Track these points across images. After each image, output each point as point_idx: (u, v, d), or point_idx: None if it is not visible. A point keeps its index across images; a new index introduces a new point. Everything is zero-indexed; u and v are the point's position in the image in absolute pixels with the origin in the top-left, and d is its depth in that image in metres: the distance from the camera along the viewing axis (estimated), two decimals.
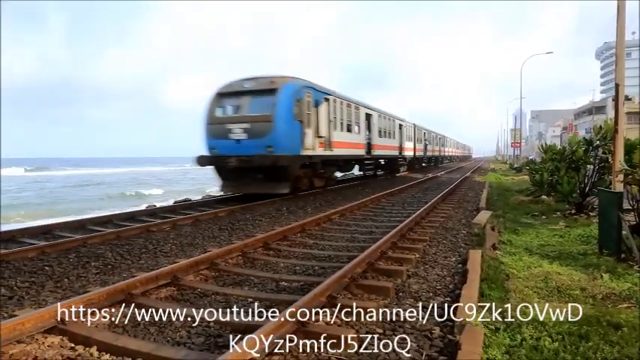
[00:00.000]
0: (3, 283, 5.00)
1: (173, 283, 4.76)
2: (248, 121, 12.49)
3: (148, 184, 41.04)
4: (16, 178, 51.67)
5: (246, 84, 13.22)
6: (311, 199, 13.56)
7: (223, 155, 12.50)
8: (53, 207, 23.77)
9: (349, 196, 14.53)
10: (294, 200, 13.07)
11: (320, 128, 14.42)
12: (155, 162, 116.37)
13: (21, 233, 7.81)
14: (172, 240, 7.38)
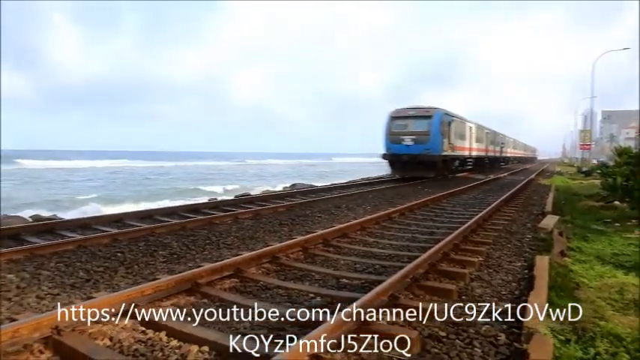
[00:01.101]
0: (81, 267, 5.32)
1: (236, 275, 4.88)
2: (414, 134, 20.68)
3: (212, 179, 42.33)
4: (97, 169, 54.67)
5: (411, 112, 21.52)
6: (370, 197, 13.54)
7: (398, 154, 20.85)
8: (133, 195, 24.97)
9: (409, 195, 14.36)
10: (353, 198, 13.14)
11: (450, 138, 22.19)
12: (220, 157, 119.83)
13: (95, 221, 8.27)
14: (234, 233, 7.56)
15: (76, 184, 34.80)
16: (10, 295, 4.38)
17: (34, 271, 5.13)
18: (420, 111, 21.29)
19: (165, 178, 42.29)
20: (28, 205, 19.52)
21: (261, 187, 24.80)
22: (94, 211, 15.70)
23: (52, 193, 27.19)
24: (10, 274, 4.95)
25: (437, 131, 20.47)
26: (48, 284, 4.72)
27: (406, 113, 21.42)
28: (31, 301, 4.25)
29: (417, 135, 20.51)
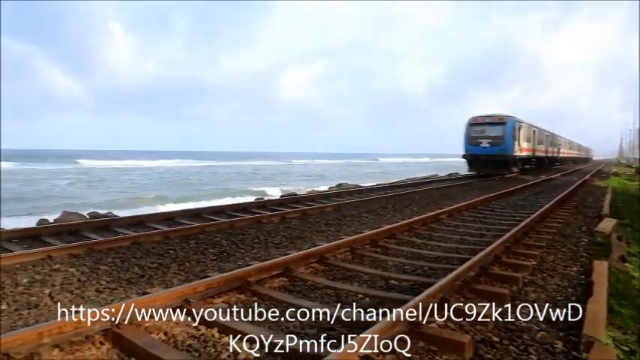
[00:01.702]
0: (135, 263, 5.51)
1: (285, 274, 4.92)
2: (490, 137, 24.52)
3: (259, 178, 42.98)
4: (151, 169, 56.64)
5: (487, 119, 25.25)
6: (416, 198, 13.37)
7: (476, 154, 24.85)
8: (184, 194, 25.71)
9: (456, 196, 14.07)
10: (400, 198, 13.03)
11: (519, 141, 25.63)
12: (267, 157, 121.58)
13: (148, 219, 8.55)
14: (282, 232, 7.63)
15: (130, 182, 36.15)
16: (72, 287, 4.59)
17: (93, 265, 5.36)
18: (495, 118, 25.15)
19: (214, 177, 43.26)
20: (85, 203, 20.46)
21: (307, 187, 24.95)
22: (147, 209, 16.25)
23: (108, 192, 28.35)
24: (72, 268, 5.19)
25: (509, 135, 24.25)
26: (106, 278, 4.92)
27: (483, 120, 25.38)
28: (90, 294, 4.44)
29: (493, 139, 24.39)
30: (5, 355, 2.91)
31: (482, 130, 24.98)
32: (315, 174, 50.34)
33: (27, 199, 23.19)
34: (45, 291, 4.48)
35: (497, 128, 24.55)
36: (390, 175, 42.26)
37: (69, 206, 17.44)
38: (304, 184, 32.76)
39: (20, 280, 4.74)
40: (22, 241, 6.74)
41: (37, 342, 3.10)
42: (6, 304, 4.12)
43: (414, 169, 58.92)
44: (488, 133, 24.73)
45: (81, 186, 32.14)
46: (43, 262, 5.38)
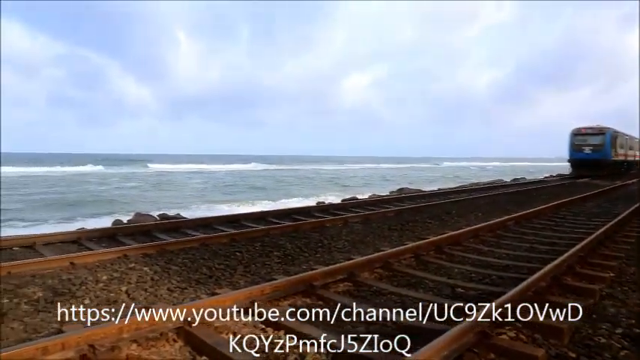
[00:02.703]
0: (204, 264, 5.70)
1: (350, 279, 4.92)
2: (592, 145, 29.80)
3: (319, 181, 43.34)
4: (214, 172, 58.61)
5: (589, 130, 30.51)
6: (481, 204, 12.99)
7: (579, 159, 30.13)
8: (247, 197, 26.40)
9: (523, 202, 13.52)
10: (464, 204, 12.71)
11: (616, 148, 30.94)
12: (327, 160, 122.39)
13: (214, 221, 8.83)
14: (345, 236, 7.65)
15: (195, 185, 37.49)
16: (146, 286, 4.82)
17: (164, 265, 5.60)
18: (596, 130, 30.51)
19: (275, 180, 44.02)
20: (155, 205, 21.43)
21: (368, 192, 24.86)
22: (212, 211, 16.80)
23: (175, 194, 29.54)
24: (146, 267, 5.45)
25: (608, 144, 29.63)
26: (177, 278, 5.12)
27: (585, 131, 30.65)
28: (163, 293, 4.64)
29: (594, 146, 29.76)
30: (90, 346, 3.10)
31: (585, 139, 30.52)
32: (375, 178, 50.03)
33: (102, 201, 24.58)
34: (122, 288, 4.73)
35: (597, 138, 30.05)
36: (451, 180, 41.34)
37: (140, 208, 18.36)
38: (364, 188, 32.65)
39: (100, 277, 5.04)
40: (100, 241, 7.17)
41: (118, 336, 3.29)
42: (89, 299, 4.40)
43: (477, 174, 57.26)
44: (590, 141, 30.24)
45: (150, 188, 33.70)
46: (119, 261, 5.69)
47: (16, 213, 19.51)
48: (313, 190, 32.51)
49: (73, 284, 4.80)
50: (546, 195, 16.08)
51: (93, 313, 4.06)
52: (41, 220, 17.39)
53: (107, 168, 61.25)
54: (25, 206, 22.05)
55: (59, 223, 15.68)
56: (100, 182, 38.45)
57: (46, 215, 18.69)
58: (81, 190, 31.09)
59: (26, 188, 31.89)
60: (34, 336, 3.61)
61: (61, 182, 37.74)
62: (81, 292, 4.57)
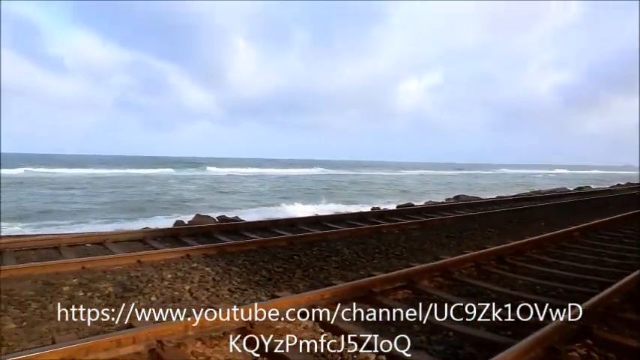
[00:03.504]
0: (263, 266, 5.80)
1: (409, 286, 4.86)
2: None
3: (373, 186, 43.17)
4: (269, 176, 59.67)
5: None
6: (544, 213, 12.45)
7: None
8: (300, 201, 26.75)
9: (588, 212, 12.84)
10: (525, 212, 12.27)
11: None
12: (380, 166, 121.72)
13: (272, 224, 8.98)
14: (402, 243, 7.55)
15: (252, 188, 38.27)
16: (208, 285, 4.97)
17: (225, 266, 5.75)
18: None
19: (329, 185, 44.20)
20: (214, 207, 22.05)
21: (424, 198, 24.49)
22: (270, 214, 17.10)
23: (233, 197, 30.27)
24: (207, 268, 5.62)
25: None
26: (237, 279, 5.24)
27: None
28: (224, 293, 4.76)
29: None
30: (159, 342, 3.23)
31: None
32: (431, 184, 49.20)
33: (163, 202, 25.56)
34: (185, 287, 4.89)
35: None
36: (512, 187, 39.98)
37: (200, 209, 18.96)
38: (420, 194, 32.18)
39: (165, 275, 5.24)
40: (164, 240, 7.46)
41: (184, 333, 3.40)
42: (155, 296, 4.58)
43: (540, 181, 55.07)
44: None
45: (209, 191, 34.72)
46: (183, 261, 5.89)
47: (87, 212, 20.65)
48: (368, 196, 32.41)
49: (141, 281, 5.02)
50: (614, 205, 15.21)
51: (159, 309, 4.24)
52: (109, 218, 18.33)
53: (177, 171, 63.66)
54: (94, 206, 23.30)
55: (125, 222, 16.45)
56: (161, 184, 40.03)
57: (113, 214, 19.67)
58: (144, 191, 32.48)
59: (95, 189, 33.74)
60: (107, 329, 3.81)
61: (126, 183, 39.64)
62: (148, 289, 4.77)
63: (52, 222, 17.13)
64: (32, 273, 5.18)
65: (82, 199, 26.49)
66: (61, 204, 23.83)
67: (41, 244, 6.75)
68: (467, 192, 28.54)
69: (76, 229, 14.13)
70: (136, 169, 64.27)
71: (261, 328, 3.62)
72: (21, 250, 6.47)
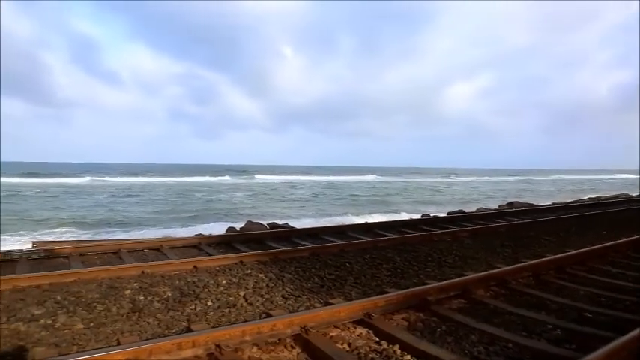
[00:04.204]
0: (315, 273, 5.83)
1: (464, 296, 4.76)
2: None
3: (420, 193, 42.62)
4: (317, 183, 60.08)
5: None
6: (605, 220, 11.87)
7: None
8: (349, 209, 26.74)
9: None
10: (584, 220, 11.75)
11: None
12: (427, 172, 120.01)
13: (322, 231, 9.01)
14: (455, 251, 7.41)
15: (299, 196, 38.60)
16: (262, 291, 5.04)
17: (278, 272, 5.82)
18: None
19: (373, 192, 43.94)
20: (265, 214, 22.37)
21: (475, 205, 23.94)
22: (318, 221, 17.17)
23: (281, 204, 30.61)
24: (261, 274, 5.71)
25: None
26: (290, 286, 5.30)
27: None
28: (278, 299, 4.82)
29: None
30: (217, 345, 3.31)
31: None
32: (482, 191, 47.98)
33: (215, 209, 26.17)
34: (240, 292, 4.99)
35: None
36: (568, 193, 38.43)
37: (250, 216, 19.29)
38: (470, 201, 31.45)
39: (220, 281, 5.37)
40: (217, 246, 7.64)
41: (241, 338, 3.47)
42: (211, 301, 4.69)
43: (598, 187, 52.66)
44: None
45: (258, 198, 35.28)
46: (237, 267, 6.01)
47: (144, 218, 21.43)
48: (418, 203, 31.99)
49: (197, 286, 5.16)
50: None
51: (216, 314, 4.35)
52: (164, 224, 18.95)
53: (226, 179, 65.25)
54: (149, 212, 24.16)
55: (179, 228, 16.95)
56: (212, 191, 41.04)
57: (167, 220, 20.33)
58: (196, 198, 33.40)
59: (150, 196, 35.03)
60: (167, 331, 3.94)
61: (178, 191, 40.91)
62: (204, 294, 4.90)
63: (112, 228, 17.90)
64: (97, 277, 5.43)
65: (138, 206, 27.54)
66: (120, 210, 24.87)
67: (103, 249, 7.07)
68: (520, 198, 27.69)
69: (133, 235, 14.71)
70: (187, 177, 66.24)
71: (316, 335, 3.64)
72: (86, 255, 6.80)
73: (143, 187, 44.68)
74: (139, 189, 42.47)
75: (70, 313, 4.32)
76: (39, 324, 4.04)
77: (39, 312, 4.32)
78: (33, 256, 6.51)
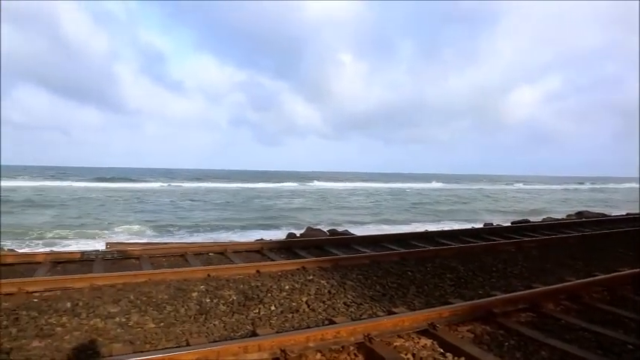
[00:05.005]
0: (377, 281, 5.81)
1: (532, 309, 4.58)
2: None
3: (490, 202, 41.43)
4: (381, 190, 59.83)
5: None
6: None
7: None
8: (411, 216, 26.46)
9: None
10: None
11: None
12: (489, 179, 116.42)
13: (383, 238, 8.97)
14: (521, 262, 7.14)
15: (357, 202, 38.57)
16: (324, 298, 5.09)
17: (340, 279, 5.84)
18: None
19: (430, 199, 43.15)
20: (324, 220, 22.52)
21: (541, 214, 22.97)
22: (377, 228, 17.08)
23: (341, 211, 30.69)
24: (323, 280, 5.76)
25: None
26: (352, 293, 5.30)
27: None
28: (340, 306, 4.84)
29: None
30: (282, 351, 3.37)
31: None
32: (549, 199, 45.95)
33: (275, 215, 26.64)
34: (302, 298, 5.06)
35: None
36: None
37: (310, 222, 19.49)
38: (537, 210, 30.20)
39: (283, 286, 5.46)
40: (279, 251, 7.77)
41: (305, 344, 3.52)
42: (274, 306, 4.79)
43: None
44: None
45: (318, 204, 35.58)
46: (299, 272, 6.10)
47: (208, 223, 22.15)
48: (480, 211, 31.12)
49: (261, 291, 5.28)
50: None
51: (279, 319, 4.44)
52: (227, 228, 19.51)
53: (286, 185, 66.40)
54: (213, 217, 24.95)
55: (241, 233, 17.41)
56: (272, 197, 41.83)
57: (230, 225, 20.91)
58: (256, 204, 34.15)
59: (213, 201, 36.20)
60: (232, 334, 4.05)
61: (239, 197, 42.00)
62: (267, 299, 5.00)
63: (179, 232, 18.65)
64: (166, 278, 5.67)
65: (202, 211, 28.52)
66: (186, 214, 25.84)
67: (170, 252, 7.38)
68: (591, 208, 26.26)
69: (198, 238, 15.26)
70: (248, 183, 67.87)
71: (379, 344, 3.63)
72: (154, 257, 7.12)
73: (207, 193, 46.30)
74: (203, 194, 44.04)
75: (142, 312, 4.54)
76: (114, 321, 4.28)
77: (114, 310, 4.57)
78: (107, 257, 6.90)
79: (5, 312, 4.38)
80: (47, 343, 3.80)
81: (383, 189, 61.28)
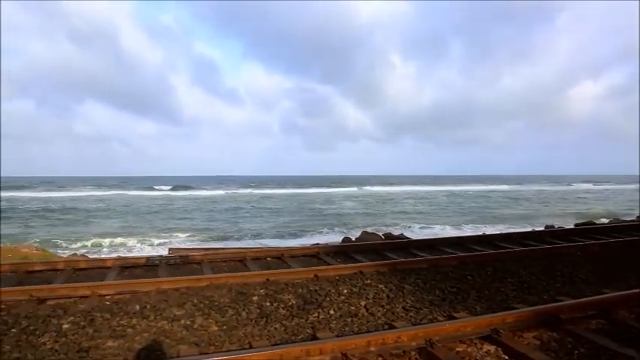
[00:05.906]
0: (436, 286, 5.73)
1: (602, 316, 4.37)
2: None
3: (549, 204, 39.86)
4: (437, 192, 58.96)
5: None
6: None
7: None
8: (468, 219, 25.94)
9: None
10: None
11: None
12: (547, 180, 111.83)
13: (440, 242, 8.81)
14: (587, 266, 6.82)
15: (412, 206, 38.09)
16: (382, 302, 5.08)
17: (398, 284, 5.81)
18: None
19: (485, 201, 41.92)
20: (378, 224, 22.41)
21: (606, 216, 21.83)
22: (433, 232, 16.81)
23: (395, 215, 30.41)
24: (381, 284, 5.74)
25: None
26: (411, 297, 5.26)
27: None
28: (399, 311, 4.82)
29: None
30: (344, 354, 3.41)
31: None
32: (615, 200, 43.57)
33: (329, 220, 26.76)
34: (361, 302, 5.07)
35: None
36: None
37: (364, 226, 19.45)
38: (601, 211, 28.71)
39: (341, 290, 5.49)
40: (335, 256, 7.81)
41: (366, 348, 3.53)
42: (333, 310, 4.83)
43: None
44: None
45: (371, 208, 35.45)
46: (356, 277, 6.10)
47: (265, 227, 22.57)
48: (539, 213, 29.98)
49: (319, 295, 5.33)
50: None
51: (339, 323, 4.48)
52: (283, 232, 19.81)
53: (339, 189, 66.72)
54: (270, 222, 25.38)
55: (297, 237, 17.62)
56: (326, 202, 42.08)
57: (287, 230, 21.21)
58: (311, 209, 34.44)
59: (268, 206, 36.85)
60: (293, 337, 4.13)
61: (294, 202, 42.50)
62: (326, 303, 5.05)
63: (237, 237, 19.12)
64: (227, 282, 5.84)
65: (258, 216, 29.11)
66: (243, 220, 26.45)
67: (230, 257, 7.58)
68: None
69: (256, 243, 15.57)
70: (301, 188, 68.61)
71: (441, 349, 3.59)
72: (215, 262, 7.35)
73: (262, 199, 47.22)
74: (257, 200, 44.91)
75: (205, 315, 4.71)
76: (180, 324, 4.46)
77: (179, 313, 4.76)
78: (170, 262, 7.19)
79: (82, 313, 4.66)
80: (120, 343, 4.02)
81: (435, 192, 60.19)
